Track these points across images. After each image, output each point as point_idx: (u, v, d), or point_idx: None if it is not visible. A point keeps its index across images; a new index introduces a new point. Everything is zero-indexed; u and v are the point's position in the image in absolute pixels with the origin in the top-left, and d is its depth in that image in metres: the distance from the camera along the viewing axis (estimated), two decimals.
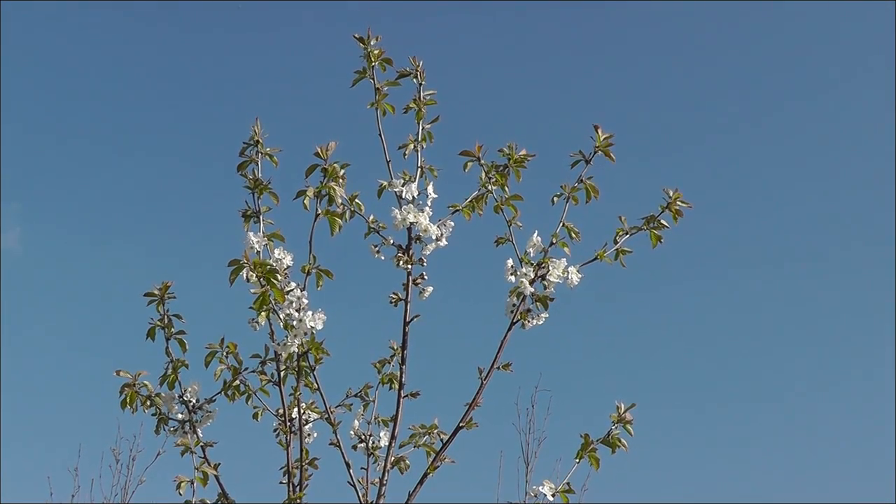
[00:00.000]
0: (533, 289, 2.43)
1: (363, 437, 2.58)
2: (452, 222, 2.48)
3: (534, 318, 2.44)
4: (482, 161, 2.51)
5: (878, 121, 8.28)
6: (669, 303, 7.93)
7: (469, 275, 5.47)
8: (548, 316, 2.44)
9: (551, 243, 2.48)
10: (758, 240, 8.42)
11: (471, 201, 2.53)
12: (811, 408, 7.70)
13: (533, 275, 2.44)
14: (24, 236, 8.16)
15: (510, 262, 2.47)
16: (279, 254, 2.38)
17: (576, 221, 2.51)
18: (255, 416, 2.51)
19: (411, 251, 2.46)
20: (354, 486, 2.47)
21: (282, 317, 2.31)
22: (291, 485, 2.41)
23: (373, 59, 2.49)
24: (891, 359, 7.03)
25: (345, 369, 2.70)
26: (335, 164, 2.36)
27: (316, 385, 2.44)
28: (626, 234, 2.52)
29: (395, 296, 2.48)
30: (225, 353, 2.48)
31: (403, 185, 2.44)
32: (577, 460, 2.41)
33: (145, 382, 2.47)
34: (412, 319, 2.48)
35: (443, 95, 2.53)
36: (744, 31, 8.95)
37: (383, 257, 2.46)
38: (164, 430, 2.49)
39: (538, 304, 2.44)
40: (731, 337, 7.96)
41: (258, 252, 2.36)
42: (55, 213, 8.30)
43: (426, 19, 8.84)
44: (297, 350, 2.36)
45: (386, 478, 2.44)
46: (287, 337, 2.33)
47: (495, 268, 2.48)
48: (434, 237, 2.44)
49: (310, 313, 2.32)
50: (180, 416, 2.47)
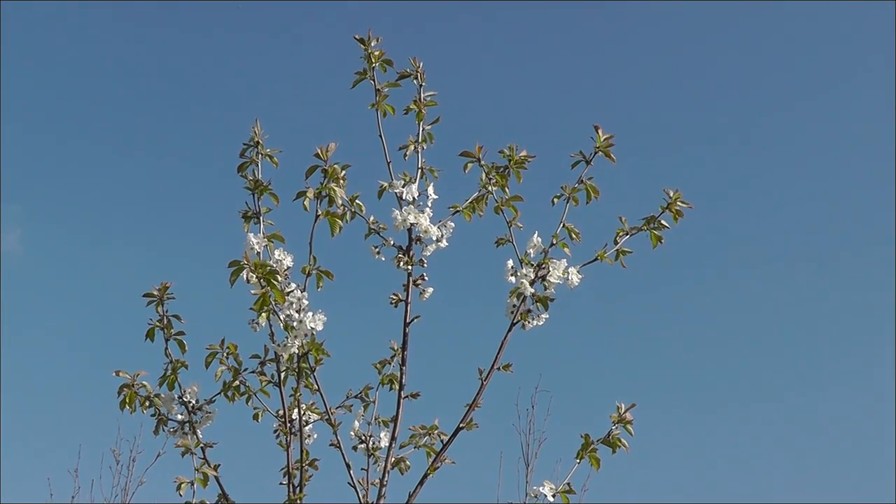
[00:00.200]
0: (533, 289, 2.43)
1: (363, 437, 2.57)
2: (453, 223, 2.48)
3: (534, 319, 2.44)
4: (482, 162, 2.50)
5: (878, 121, 8.28)
6: (669, 303, 7.93)
7: (469, 276, 5.46)
8: (548, 317, 2.44)
9: (552, 244, 2.48)
10: (758, 240, 8.41)
11: (471, 202, 2.53)
12: (811, 408, 7.70)
13: (533, 275, 2.44)
14: (25, 237, 8.16)
15: (510, 262, 2.47)
16: (279, 255, 2.37)
17: (576, 222, 2.51)
18: (256, 416, 2.51)
19: (412, 252, 2.46)
20: (355, 487, 2.47)
21: (282, 318, 2.31)
22: (291, 486, 2.41)
23: (373, 60, 2.49)
24: (891, 359, 7.03)
25: (345, 370, 2.71)
26: (335, 166, 2.36)
27: (316, 386, 2.44)
28: (627, 234, 2.52)
29: (395, 297, 2.48)
30: (225, 354, 2.49)
31: (404, 186, 2.44)
32: (578, 461, 2.41)
33: (144, 383, 2.46)
34: (412, 320, 2.48)
35: (443, 96, 2.54)
36: (744, 32, 8.95)
37: (384, 258, 2.46)
38: (163, 430, 2.49)
39: (538, 304, 2.44)
40: (732, 337, 7.96)
41: (258, 253, 2.36)
42: (55, 214, 8.30)
43: (426, 20, 8.84)
44: (297, 351, 2.36)
45: (386, 479, 2.44)
46: (287, 338, 2.33)
47: (495, 269, 2.48)
48: (434, 238, 2.44)
49: (310, 314, 2.32)
50: (180, 416, 2.47)
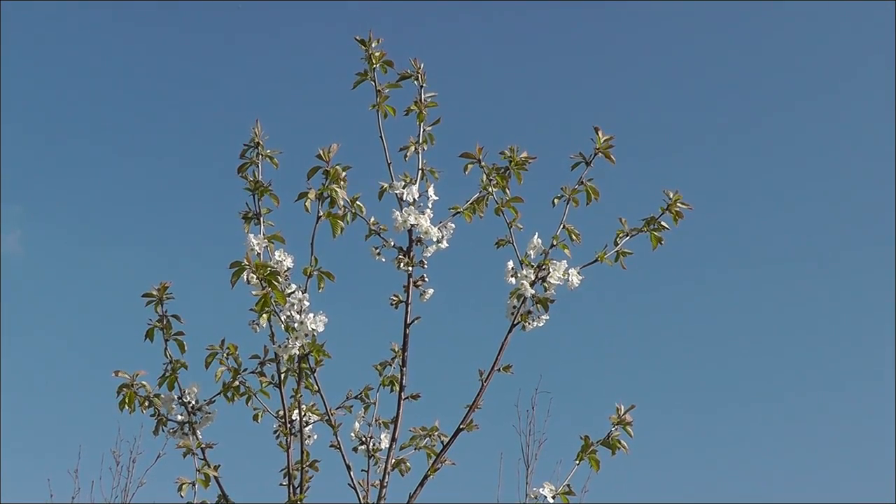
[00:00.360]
0: (533, 291, 2.43)
1: (364, 439, 2.58)
2: (453, 224, 2.48)
3: (534, 320, 2.44)
4: (483, 163, 2.50)
5: (878, 121, 8.28)
6: (669, 303, 7.93)
7: (470, 277, 5.46)
8: (548, 318, 2.44)
9: (552, 245, 2.48)
10: (758, 240, 8.42)
11: (471, 203, 2.53)
12: (811, 408, 7.71)
13: (533, 277, 2.44)
14: (25, 238, 8.16)
15: (511, 264, 2.47)
16: (280, 256, 2.38)
17: (576, 223, 2.51)
18: (256, 417, 2.51)
19: (412, 253, 2.46)
20: (355, 488, 2.47)
21: (283, 319, 2.31)
22: (292, 487, 2.41)
23: (374, 61, 2.49)
24: (891, 359, 7.03)
25: (345, 371, 2.71)
26: (337, 167, 2.36)
27: (316, 387, 2.44)
28: (627, 235, 2.52)
29: (395, 298, 2.48)
30: (225, 355, 2.48)
31: (404, 188, 2.44)
32: (578, 462, 2.40)
33: (143, 383, 2.46)
34: (413, 321, 2.48)
35: (444, 97, 2.54)
36: (744, 31, 8.95)
37: (384, 259, 2.46)
38: (163, 431, 2.49)
39: (539, 305, 2.44)
40: (731, 337, 7.96)
41: (259, 254, 2.36)
42: (55, 215, 8.30)
43: (427, 21, 8.84)
44: (297, 352, 2.36)
45: (386, 480, 2.44)
46: (288, 339, 2.33)
47: (496, 270, 2.48)
48: (435, 239, 2.44)
49: (311, 315, 2.32)
50: (179, 417, 2.47)
